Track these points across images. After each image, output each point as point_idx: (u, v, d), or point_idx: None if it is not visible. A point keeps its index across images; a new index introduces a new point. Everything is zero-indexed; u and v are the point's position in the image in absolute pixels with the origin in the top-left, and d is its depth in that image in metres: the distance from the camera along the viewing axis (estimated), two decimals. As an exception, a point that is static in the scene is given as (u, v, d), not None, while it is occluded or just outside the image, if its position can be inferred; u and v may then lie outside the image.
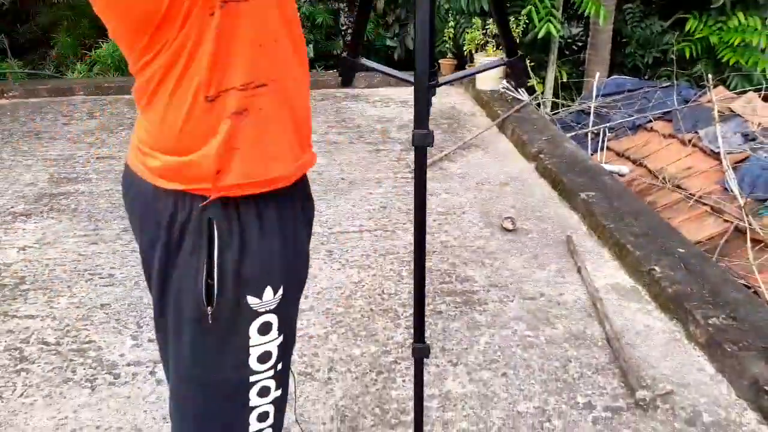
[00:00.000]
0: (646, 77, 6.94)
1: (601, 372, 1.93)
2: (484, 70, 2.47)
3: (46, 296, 2.38)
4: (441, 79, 1.29)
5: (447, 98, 5.23)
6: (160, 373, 1.92)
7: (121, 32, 0.79)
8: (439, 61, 5.55)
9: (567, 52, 8.03)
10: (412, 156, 3.77)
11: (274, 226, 0.88)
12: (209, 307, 0.86)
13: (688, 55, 6.43)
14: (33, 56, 7.22)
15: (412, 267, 2.37)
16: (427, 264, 2.60)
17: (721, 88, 5.07)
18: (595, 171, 3.33)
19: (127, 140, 4.16)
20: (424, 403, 1.59)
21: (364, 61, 1.29)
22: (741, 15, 6.33)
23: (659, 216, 2.87)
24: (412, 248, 2.48)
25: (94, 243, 2.80)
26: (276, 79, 0.82)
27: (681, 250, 2.48)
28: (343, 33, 7.19)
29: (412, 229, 2.67)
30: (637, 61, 7.19)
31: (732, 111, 4.57)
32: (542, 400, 1.81)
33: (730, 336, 1.95)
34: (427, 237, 2.72)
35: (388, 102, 5.18)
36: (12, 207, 3.20)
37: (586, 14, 6.26)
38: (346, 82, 1.29)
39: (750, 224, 3.17)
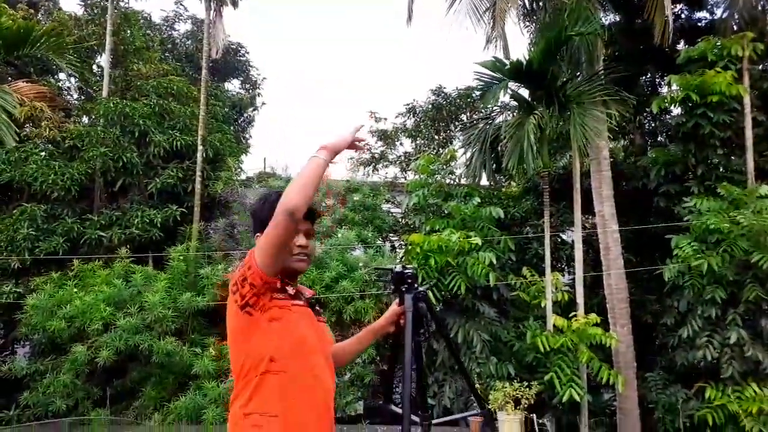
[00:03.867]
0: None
1: None
2: (465, 416, 3.14)
3: None
4: (434, 421, 2.07)
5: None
6: None
7: (233, 375, 1.74)
8: (469, 419, 6.20)
9: (602, 417, 8.45)
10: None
11: None
12: None
13: (711, 422, 6.74)
14: (120, 405, 8.21)
15: None
16: None
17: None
18: None
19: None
20: None
21: (391, 406, 2.10)
22: (754, 385, 6.80)
23: None
24: None
25: None
26: (285, 415, 1.69)
27: None
28: (394, 395, 8.05)
29: None
30: (667, 427, 7.46)
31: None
32: None
33: None
34: None
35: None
36: None
37: (604, 382, 6.97)
38: (371, 417, 2.10)
39: None
